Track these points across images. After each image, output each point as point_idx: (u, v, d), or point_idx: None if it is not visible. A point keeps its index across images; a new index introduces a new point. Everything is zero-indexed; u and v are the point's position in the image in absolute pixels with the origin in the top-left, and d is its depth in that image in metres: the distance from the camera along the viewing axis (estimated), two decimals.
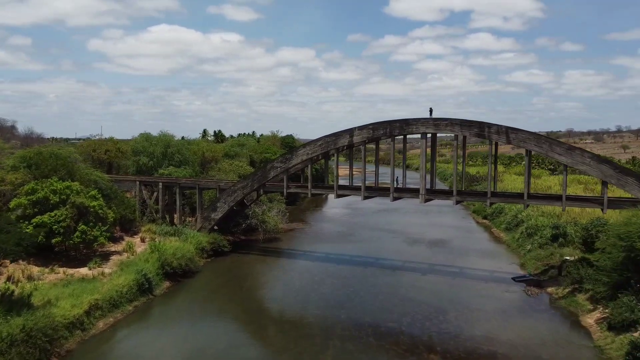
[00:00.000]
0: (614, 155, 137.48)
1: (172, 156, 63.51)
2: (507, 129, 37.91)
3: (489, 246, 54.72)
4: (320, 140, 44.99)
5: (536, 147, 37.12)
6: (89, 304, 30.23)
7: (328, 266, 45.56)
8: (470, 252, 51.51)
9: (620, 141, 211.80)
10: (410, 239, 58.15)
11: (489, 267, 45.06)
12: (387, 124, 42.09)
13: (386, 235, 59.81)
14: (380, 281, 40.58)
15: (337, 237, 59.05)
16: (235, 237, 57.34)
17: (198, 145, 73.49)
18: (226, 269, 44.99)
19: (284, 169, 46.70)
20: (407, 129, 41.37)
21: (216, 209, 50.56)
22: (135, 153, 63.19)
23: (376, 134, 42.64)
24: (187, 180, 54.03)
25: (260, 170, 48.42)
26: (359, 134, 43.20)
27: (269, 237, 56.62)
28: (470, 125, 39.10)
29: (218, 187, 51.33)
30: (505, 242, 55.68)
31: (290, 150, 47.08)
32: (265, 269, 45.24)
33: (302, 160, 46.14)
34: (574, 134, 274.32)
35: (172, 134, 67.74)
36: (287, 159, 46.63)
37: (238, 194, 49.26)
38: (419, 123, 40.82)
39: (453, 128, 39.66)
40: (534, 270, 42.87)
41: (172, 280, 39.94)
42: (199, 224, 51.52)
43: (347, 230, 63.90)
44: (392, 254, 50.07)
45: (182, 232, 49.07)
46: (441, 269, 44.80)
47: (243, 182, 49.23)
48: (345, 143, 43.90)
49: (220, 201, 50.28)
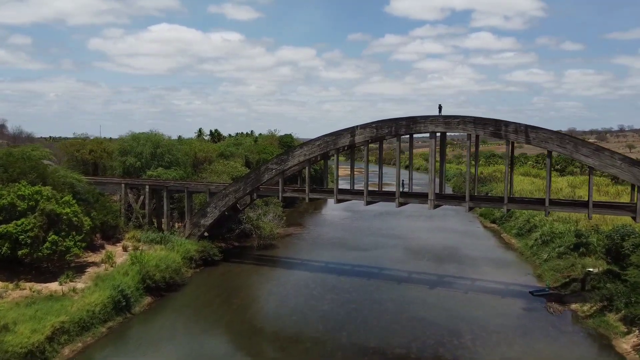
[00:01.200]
0: None
1: (161, 157, 59.56)
2: (526, 128, 34.03)
3: (500, 254, 50.83)
4: (318, 140, 41.10)
5: (559, 147, 33.25)
6: (52, 328, 26.34)
7: (327, 278, 41.67)
8: (481, 261, 47.63)
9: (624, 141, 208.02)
10: (416, 245, 54.28)
11: (503, 278, 41.19)
12: (392, 122, 38.20)
13: (389, 242, 55.93)
14: (385, 296, 36.70)
15: (338, 244, 55.17)
16: (228, 243, 53.49)
17: (190, 145, 69.46)
18: (216, 281, 41.09)
19: (279, 171, 42.81)
20: (415, 127, 37.48)
21: (206, 214, 46.65)
22: (122, 153, 59.23)
23: (380, 133, 38.75)
24: (175, 183, 50.13)
25: (254, 173, 44.53)
26: (361, 133, 39.31)
27: (264, 244, 52.75)
28: (485, 123, 35.21)
29: (208, 190, 47.42)
30: (518, 249, 51.80)
31: (286, 151, 43.24)
32: (259, 282, 41.36)
33: (299, 162, 42.25)
34: (576, 134, 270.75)
35: (162, 133, 63.73)
36: (282, 160, 42.73)
37: (230, 198, 45.36)
38: (428, 121, 36.93)
39: (466, 126, 35.78)
40: (554, 282, 39.02)
41: (154, 295, 36.06)
42: (188, 231, 47.63)
43: (347, 235, 60.02)
44: (397, 264, 46.19)
45: (168, 240, 45.18)
46: (451, 281, 40.93)
47: (235, 185, 45.32)
48: (346, 143, 40.01)
49: (211, 206, 46.38)
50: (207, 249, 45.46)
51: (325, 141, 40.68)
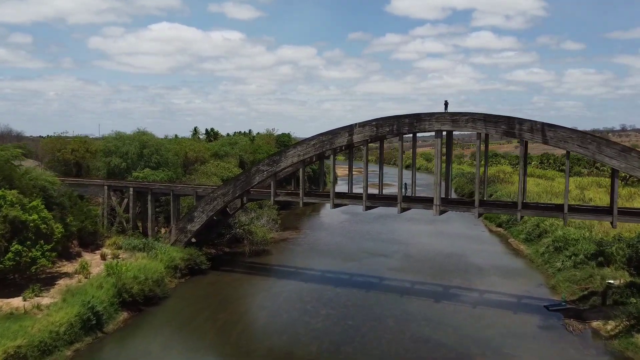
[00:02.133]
0: None
1: (149, 157, 56.16)
2: (543, 126, 30.67)
3: (508, 262, 47.46)
4: (313, 140, 37.74)
5: (580, 147, 29.90)
6: (4, 354, 22.97)
7: (323, 290, 38.30)
8: (489, 269, 44.28)
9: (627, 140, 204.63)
10: (418, 252, 50.93)
11: (514, 290, 37.86)
12: (394, 119, 34.85)
13: (390, 247, 52.58)
14: (386, 312, 33.35)
15: (335, 250, 51.80)
16: (219, 249, 50.19)
17: (180, 145, 66.00)
18: (202, 292, 37.71)
19: (271, 173, 39.45)
20: (419, 125, 34.12)
21: (193, 219, 43.28)
22: (106, 153, 55.82)
23: (381, 131, 35.40)
24: (161, 185, 46.75)
25: (244, 175, 41.16)
26: (360, 131, 35.96)
27: (257, 250, 49.41)
28: (497, 121, 31.85)
29: (195, 193, 44.05)
30: (527, 256, 48.44)
31: (279, 152, 39.90)
32: (249, 293, 37.99)
33: (292, 163, 38.91)
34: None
35: (150, 132, 60.27)
36: (274, 161, 39.36)
37: (218, 202, 42.00)
38: (433, 119, 33.57)
39: (475, 125, 32.42)
40: (570, 295, 35.70)
41: (131, 310, 32.70)
42: (174, 237, 44.27)
43: (346, 240, 56.67)
44: (398, 273, 42.86)
45: (152, 247, 41.83)
46: (457, 293, 37.60)
47: (223, 188, 41.95)
48: (344, 142, 36.67)
49: (198, 210, 43.01)
50: (193, 256, 42.13)
51: (320, 140, 37.33)
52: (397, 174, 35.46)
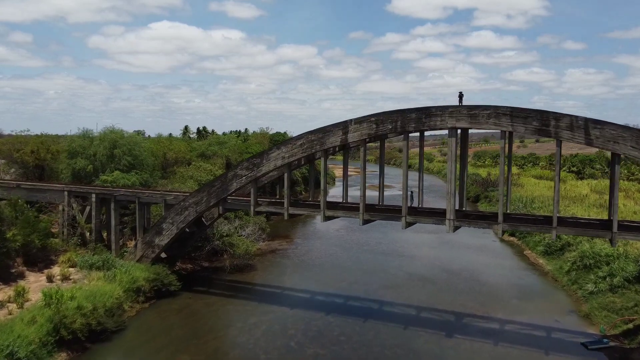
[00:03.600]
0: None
1: (120, 158, 49.82)
2: (586, 122, 24.38)
3: (528, 280, 41.17)
4: (301, 139, 31.45)
5: (634, 149, 23.63)
6: None
7: (312, 319, 31.98)
8: (506, 290, 38.03)
9: None
10: (423, 267, 44.64)
11: (541, 319, 31.62)
12: (398, 114, 28.53)
13: (391, 261, 46.29)
14: (388, 350, 27.06)
15: (328, 265, 45.49)
16: (196, 264, 43.93)
17: (158, 144, 59.48)
18: (166, 323, 31.38)
19: (251, 178, 33.16)
20: (428, 122, 27.81)
21: (161, 231, 36.97)
22: (70, 155, 49.44)
23: (382, 129, 29.08)
24: (126, 192, 40.35)
25: (219, 180, 34.80)
26: (356, 129, 29.67)
27: (240, 265, 43.13)
28: (527, 116, 25.53)
29: (164, 201, 37.72)
30: (549, 273, 42.18)
31: (260, 153, 33.60)
32: (222, 324, 31.70)
33: (276, 166, 32.61)
34: None
35: (121, 130, 53.90)
36: (254, 164, 33.05)
37: (189, 213, 35.69)
38: (446, 113, 27.26)
39: (499, 120, 26.10)
40: (610, 329, 29.43)
41: (73, 349, 26.42)
42: (139, 252, 37.96)
43: (341, 252, 50.33)
44: (401, 295, 36.60)
45: (113, 264, 35.60)
46: (473, 323, 31.33)
47: (196, 195, 35.62)
48: (337, 142, 30.38)
49: (167, 221, 36.70)
50: (161, 276, 35.85)
51: (309, 140, 31.02)
52: (402, 180, 29.11)
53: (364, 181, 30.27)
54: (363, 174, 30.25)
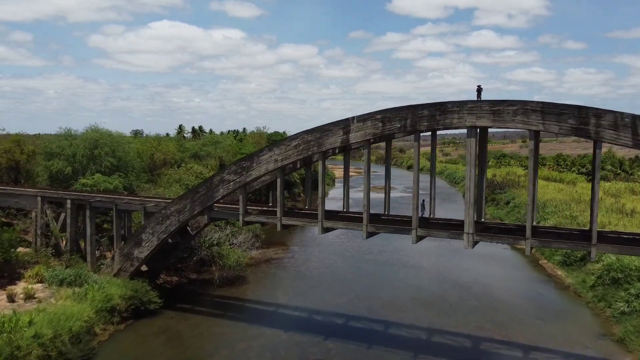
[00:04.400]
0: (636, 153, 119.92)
1: (102, 159, 45.90)
2: (634, 120, 20.51)
3: (548, 297, 37.30)
4: (295, 140, 27.57)
5: None
6: None
7: (308, 344, 28.09)
8: (526, 309, 34.16)
9: None
10: (431, 279, 40.77)
11: (568, 345, 27.80)
12: (408, 111, 24.67)
13: (396, 272, 42.42)
14: None
15: (328, 277, 41.60)
16: (183, 276, 40.04)
17: (144, 144, 55.49)
18: (140, 350, 27.46)
19: (239, 184, 29.30)
20: (443, 119, 23.94)
21: (140, 242, 33.10)
22: (48, 156, 45.54)
23: (389, 127, 25.20)
24: (102, 197, 36.45)
25: (204, 186, 30.90)
26: (359, 128, 25.80)
27: (230, 278, 39.25)
28: (562, 112, 21.64)
29: (143, 209, 33.85)
30: (570, 287, 38.32)
31: (249, 156, 29.72)
32: (208, 350, 27.81)
33: (267, 170, 28.74)
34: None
35: (105, 129, 49.99)
36: (243, 168, 29.17)
37: (172, 222, 31.82)
38: (465, 110, 23.40)
39: (527, 118, 22.23)
40: None
41: None
42: (117, 265, 34.11)
43: (341, 262, 46.45)
44: (409, 314, 32.73)
45: (86, 279, 31.78)
46: (492, 350, 27.48)
47: (178, 203, 31.73)
48: (337, 143, 26.52)
49: (147, 231, 32.83)
50: (139, 293, 32.00)
51: (305, 141, 27.14)
52: (412, 187, 25.22)
53: (368, 188, 26.40)
54: (367, 179, 26.38)
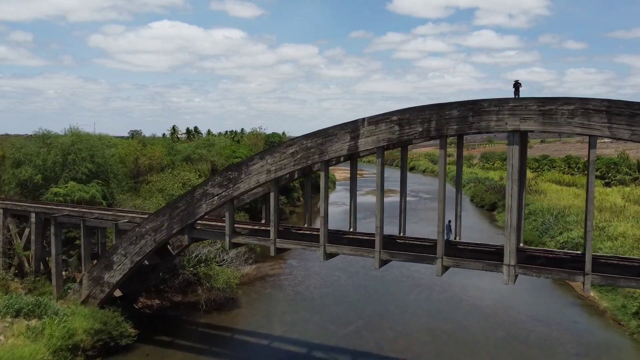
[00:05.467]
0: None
1: (77, 165, 41.00)
2: None
3: (585, 326, 32.49)
4: (293, 146, 22.72)
5: None
6: None
7: None
8: (561, 342, 29.32)
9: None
10: (445, 303, 35.94)
11: None
12: (433, 112, 19.83)
13: (406, 294, 37.60)
14: None
15: (330, 298, 36.76)
16: (165, 299, 35.25)
17: (127, 148, 50.53)
18: None
19: (225, 199, 24.45)
20: (478, 121, 19.10)
21: (112, 265, 28.24)
22: (16, 162, 40.68)
23: (407, 132, 20.37)
24: (71, 211, 31.55)
25: (183, 201, 25.99)
26: (370, 132, 20.98)
27: (220, 300, 34.49)
28: (635, 113, 16.79)
29: (115, 226, 28.96)
30: (607, 312, 33.52)
31: (237, 165, 24.88)
32: None
33: (258, 183, 23.88)
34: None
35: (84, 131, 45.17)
36: (230, 179, 24.31)
37: (147, 242, 26.97)
38: (506, 110, 18.57)
39: (588, 120, 17.40)
40: None
41: None
42: (85, 290, 29.28)
43: (345, 279, 41.54)
44: (426, 349, 27.92)
45: (46, 310, 26.94)
46: None
47: (154, 220, 26.85)
48: (344, 150, 21.72)
49: (118, 252, 27.98)
50: (110, 325, 27.18)
51: (304, 147, 22.29)
52: (438, 205, 20.35)
53: (382, 205, 21.54)
54: (380, 194, 21.52)
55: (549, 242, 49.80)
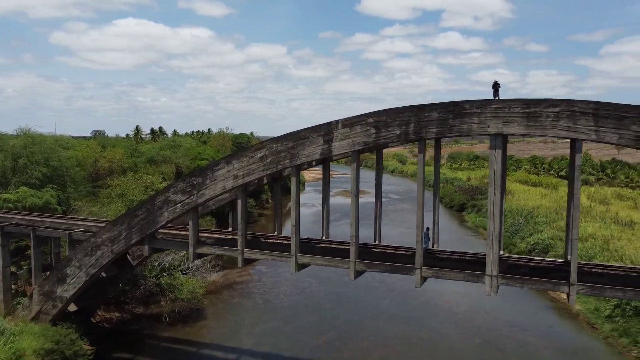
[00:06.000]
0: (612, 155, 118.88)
1: (31, 168, 38.32)
2: None
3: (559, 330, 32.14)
4: (261, 150, 21.20)
5: None
6: None
7: None
8: (537, 347, 28.81)
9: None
10: (420, 309, 35.05)
11: None
12: (412, 113, 18.67)
13: (380, 300, 36.53)
14: None
15: (302, 307, 35.33)
16: (126, 311, 33.13)
17: (86, 150, 47.78)
18: None
19: (189, 206, 22.71)
20: (458, 124, 18.04)
21: (65, 278, 26.07)
22: None
23: (384, 134, 19.16)
24: (21, 219, 29.10)
25: (143, 208, 24.11)
26: (344, 135, 19.68)
27: (185, 311, 32.58)
28: (623, 116, 16.01)
29: (68, 235, 26.79)
30: (580, 316, 33.23)
31: (202, 170, 23.19)
32: None
33: (224, 189, 22.25)
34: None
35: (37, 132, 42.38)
36: (194, 186, 22.60)
37: (103, 253, 24.94)
38: (488, 112, 17.57)
39: (574, 123, 16.54)
40: None
41: None
42: (36, 306, 26.98)
43: (317, 285, 40.15)
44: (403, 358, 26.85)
45: None
46: None
47: (112, 229, 24.84)
48: (317, 155, 20.36)
49: (72, 265, 25.84)
50: (63, 344, 25.00)
51: (273, 152, 20.82)
52: (417, 212, 19.21)
53: (356, 213, 20.24)
54: (355, 202, 20.22)
55: (519, 243, 49.72)
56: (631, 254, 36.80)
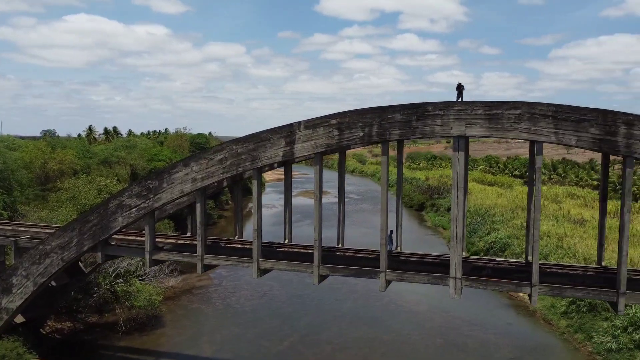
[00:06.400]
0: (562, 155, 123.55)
1: None
2: None
3: (518, 328, 32.77)
4: (221, 152, 20.53)
5: None
6: None
7: None
8: (497, 346, 29.25)
9: None
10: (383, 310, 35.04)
11: None
12: (375, 115, 18.45)
13: (341, 302, 36.33)
14: None
15: (263, 311, 34.66)
16: (78, 320, 31.58)
17: (33, 151, 45.44)
18: None
19: (145, 211, 21.75)
20: (422, 126, 17.96)
21: (10, 289, 24.54)
22: None
23: (347, 136, 18.86)
24: None
25: (95, 213, 22.94)
26: (307, 137, 19.27)
27: (141, 319, 31.32)
28: (581, 119, 16.28)
29: (14, 243, 25.24)
30: (537, 313, 34.05)
31: (158, 173, 22.28)
32: None
33: (182, 193, 21.43)
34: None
35: None
36: (150, 190, 21.65)
37: (53, 261, 23.60)
38: (451, 114, 17.60)
39: (534, 125, 16.73)
40: None
41: None
42: None
43: (278, 287, 39.55)
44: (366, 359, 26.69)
45: None
46: None
47: (61, 236, 23.53)
48: (278, 157, 19.87)
49: (18, 274, 24.34)
50: (9, 358, 23.44)
51: (234, 154, 20.17)
52: (381, 214, 19.01)
53: (320, 216, 19.87)
54: (319, 205, 19.84)
55: (477, 242, 50.65)
56: (584, 251, 38.05)
